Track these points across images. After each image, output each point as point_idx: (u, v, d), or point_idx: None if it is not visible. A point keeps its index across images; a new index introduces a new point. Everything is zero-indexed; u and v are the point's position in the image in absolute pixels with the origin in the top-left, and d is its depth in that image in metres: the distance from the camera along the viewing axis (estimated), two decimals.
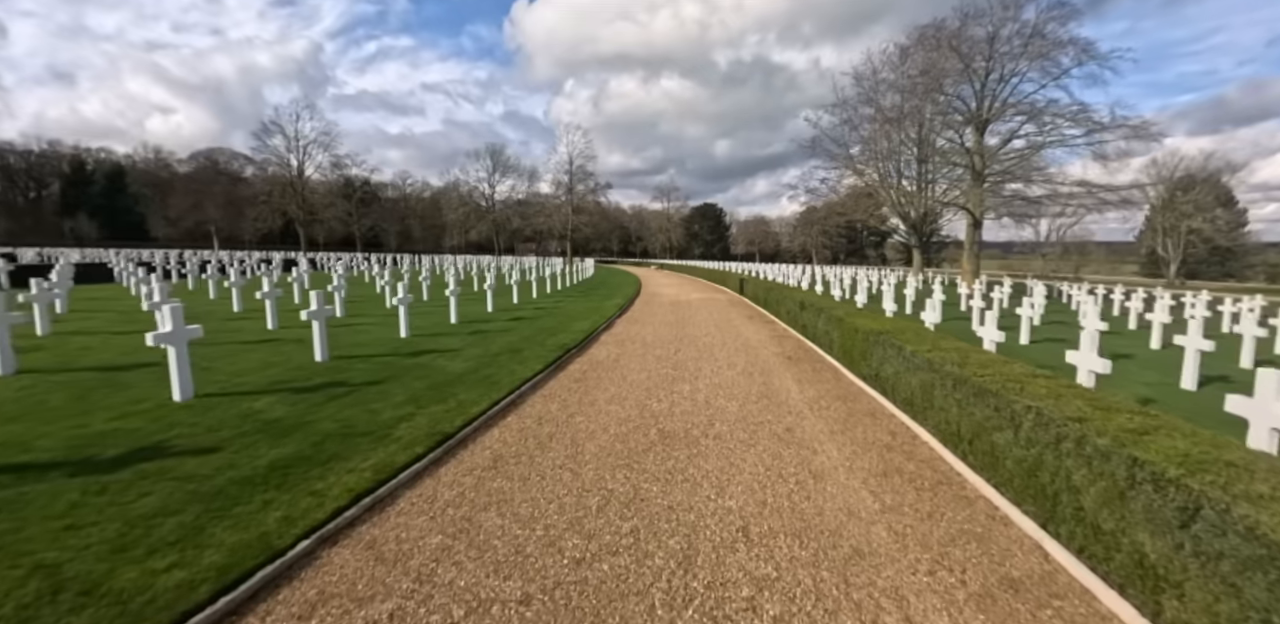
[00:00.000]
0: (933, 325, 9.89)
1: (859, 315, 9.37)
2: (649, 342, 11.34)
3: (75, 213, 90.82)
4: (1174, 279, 62.67)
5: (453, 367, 8.29)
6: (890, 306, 12.30)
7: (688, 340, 11.52)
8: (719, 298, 22.44)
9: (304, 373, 7.79)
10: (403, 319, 11.02)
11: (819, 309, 10.94)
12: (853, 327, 8.54)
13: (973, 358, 5.75)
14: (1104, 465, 3.33)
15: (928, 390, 5.83)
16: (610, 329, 13.12)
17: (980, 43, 25.59)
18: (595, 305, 17.55)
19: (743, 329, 13.43)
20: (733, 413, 6.45)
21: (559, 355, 9.36)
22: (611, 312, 15.91)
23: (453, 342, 10.44)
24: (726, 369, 8.78)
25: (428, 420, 5.81)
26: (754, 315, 16.52)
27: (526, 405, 6.73)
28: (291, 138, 67.01)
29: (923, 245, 38.80)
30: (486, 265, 43.23)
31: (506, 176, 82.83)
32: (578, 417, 6.27)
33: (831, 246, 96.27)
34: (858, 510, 4.11)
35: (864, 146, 35.06)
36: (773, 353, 10.33)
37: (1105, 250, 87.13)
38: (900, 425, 6.15)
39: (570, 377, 8.21)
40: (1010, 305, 18.69)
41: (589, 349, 10.44)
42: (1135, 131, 22.94)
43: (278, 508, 3.94)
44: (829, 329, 10.04)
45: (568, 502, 4.19)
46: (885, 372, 7.12)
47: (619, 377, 8.20)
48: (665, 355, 9.85)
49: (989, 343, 7.78)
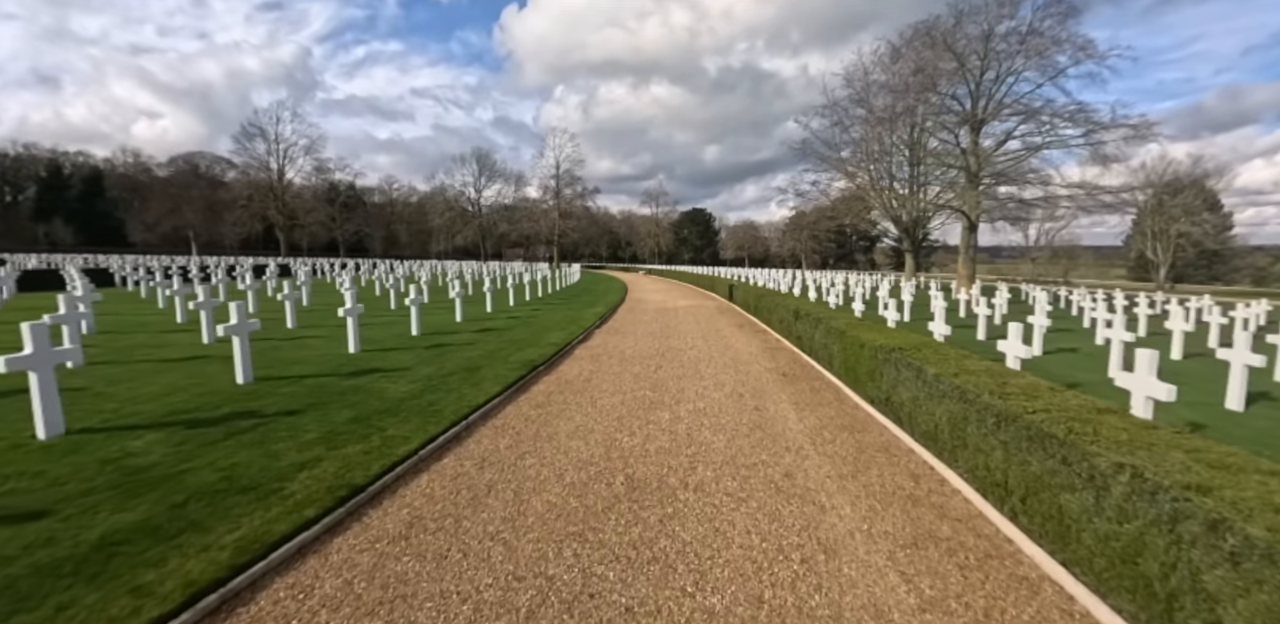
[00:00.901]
0: (942, 337, 8.85)
1: (862, 327, 8.29)
2: (628, 356, 10.21)
3: (50, 217, 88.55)
4: (1163, 283, 62.58)
5: (394, 390, 7.11)
6: (892, 316, 11.26)
7: (671, 354, 10.40)
8: (707, 305, 21.36)
9: (213, 400, 6.58)
10: (351, 332, 9.82)
11: (816, 319, 9.87)
12: (857, 341, 7.46)
13: (1012, 383, 4.68)
14: (1266, 570, 2.24)
15: (958, 425, 4.74)
16: (587, 341, 11.97)
17: (975, 40, 24.82)
18: (574, 314, 16.40)
19: (732, 340, 12.34)
20: (719, 450, 5.32)
21: (523, 374, 8.20)
22: (591, 321, 14.77)
23: (405, 358, 9.26)
24: (713, 390, 7.66)
25: (337, 467, 4.64)
26: (744, 324, 15.45)
27: (470, 442, 5.56)
28: (272, 141, 65.56)
29: (915, 249, 38.02)
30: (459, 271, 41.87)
31: (493, 181, 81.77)
32: (529, 458, 5.12)
33: (821, 251, 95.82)
34: (888, 608, 2.99)
35: (855, 148, 34.26)
36: (765, 369, 9.23)
37: (1092, 254, 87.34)
38: (922, 466, 5.05)
39: (531, 402, 7.05)
40: (1011, 311, 17.76)
41: (559, 366, 9.29)
42: (1136, 131, 22.19)
43: (71, 620, 2.77)
44: (828, 342, 8.96)
45: (488, 598, 3.04)
46: (899, 396, 6.03)
47: (588, 401, 7.06)
48: (645, 373, 8.71)
49: (1013, 360, 6.71)
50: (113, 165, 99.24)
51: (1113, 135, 22.95)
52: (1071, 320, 16.97)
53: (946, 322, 9.23)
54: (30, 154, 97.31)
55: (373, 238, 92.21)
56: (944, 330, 8.93)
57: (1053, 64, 24.28)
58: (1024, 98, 25.16)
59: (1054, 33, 23.53)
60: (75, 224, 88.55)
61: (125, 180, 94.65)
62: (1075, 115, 23.73)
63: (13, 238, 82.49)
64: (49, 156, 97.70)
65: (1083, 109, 23.56)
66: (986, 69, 25.36)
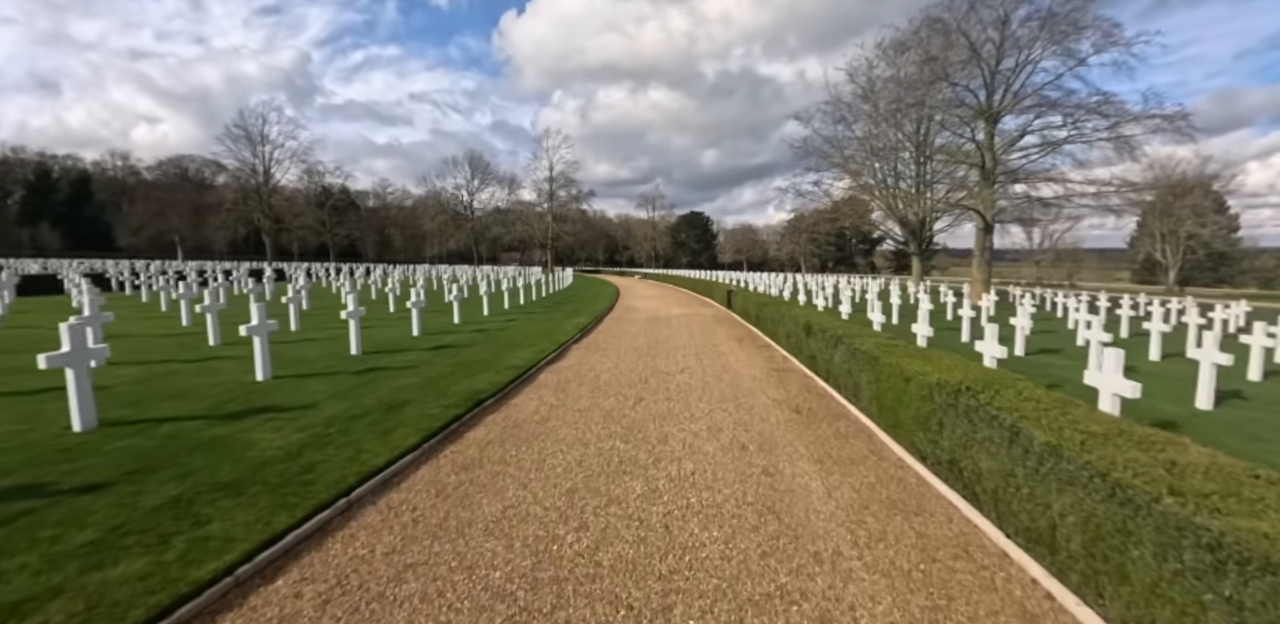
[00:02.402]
0: (994, 361, 6.98)
1: (898, 351, 6.39)
2: (603, 382, 8.31)
3: (37, 222, 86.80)
4: (1172, 286, 60.92)
5: (269, 443, 5.20)
6: (923, 331, 9.39)
7: (657, 380, 8.51)
8: (704, 313, 19.47)
9: (23, 456, 4.70)
10: (259, 355, 7.92)
11: (834, 337, 7.97)
12: (898, 372, 5.58)
13: (1189, 465, 2.81)
14: None
15: (1108, 541, 2.85)
16: (559, 361, 10.08)
17: (990, 27, 23.02)
18: (552, 326, 14.50)
19: (731, 358, 10.45)
20: (712, 564, 3.42)
21: (459, 415, 6.31)
22: (570, 334, 12.87)
23: (318, 388, 7.35)
24: (707, 439, 5.76)
25: (79, 603, 2.74)
26: (744, 336, 13.56)
27: (332, 543, 3.65)
28: (258, 142, 63.72)
29: (922, 252, 36.22)
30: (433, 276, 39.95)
31: (487, 184, 79.96)
32: (410, 582, 3.21)
33: (820, 254, 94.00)
34: None
35: (860, 145, 32.50)
36: (773, 401, 7.34)
37: (1096, 257, 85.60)
38: (1034, 590, 3.16)
39: (455, 460, 5.14)
40: (1040, 323, 15.94)
41: (513, 399, 7.38)
42: (1170, 123, 20.35)
43: None
44: (853, 368, 7.06)
45: None
46: (975, 463, 4.14)
47: (533, 460, 5.16)
48: (619, 410, 6.81)
49: (1108, 400, 4.82)
50: (102, 169, 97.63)
51: (1142, 128, 21.12)
52: (1110, 328, 15.10)
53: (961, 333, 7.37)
54: (19, 157, 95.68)
55: (365, 242, 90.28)
56: (997, 352, 7.06)
57: (1075, 52, 22.51)
58: (1043, 88, 23.37)
59: (1076, 17, 21.73)
60: (62, 228, 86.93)
61: (114, 184, 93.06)
62: (1101, 106, 21.90)
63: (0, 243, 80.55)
64: (37, 160, 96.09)
65: (1109, 99, 21.75)
66: (1003, 58, 23.55)
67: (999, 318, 17.95)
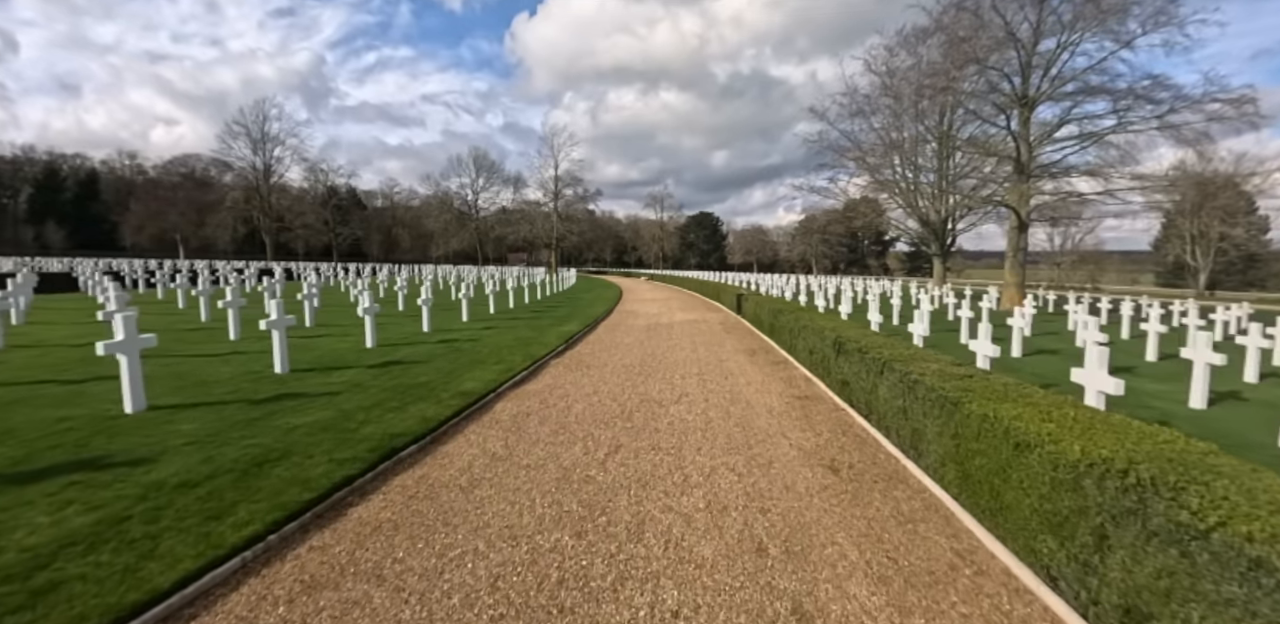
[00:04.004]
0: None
1: (994, 391, 4.37)
2: (574, 418, 6.38)
3: (44, 220, 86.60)
4: (1202, 290, 58.14)
5: (21, 541, 3.32)
6: (984, 350, 7.37)
7: (645, 413, 6.58)
8: (710, 320, 17.49)
9: None
10: (125, 386, 6.04)
11: (880, 361, 5.97)
12: (1002, 432, 3.59)
13: None
14: None
15: None
16: (528, 382, 8.17)
17: (1028, 5, 20.91)
18: (535, 334, 12.59)
19: (741, 379, 8.49)
20: None
21: (352, 476, 4.40)
22: (552, 345, 10.96)
23: (189, 425, 5.46)
24: (704, 531, 3.80)
25: None
26: (756, 349, 11.59)
27: None
28: (257, 140, 62.51)
29: (944, 253, 34.03)
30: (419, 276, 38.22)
31: (492, 183, 78.41)
32: None
33: (831, 256, 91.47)
34: None
35: (878, 138, 30.43)
36: (800, 451, 5.37)
37: (1119, 259, 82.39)
38: None
39: (294, 579, 3.23)
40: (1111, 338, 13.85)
41: (445, 444, 5.45)
42: (1235, 108, 18.13)
43: None
44: (912, 408, 5.06)
45: None
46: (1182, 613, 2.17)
47: (420, 575, 3.23)
48: (582, 467, 4.87)
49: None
50: (110, 168, 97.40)
51: (1201, 115, 18.90)
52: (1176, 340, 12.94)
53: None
54: (27, 156, 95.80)
55: (369, 242, 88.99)
56: (1110, 387, 5.05)
57: (1121, 32, 20.33)
58: (1085, 73, 21.19)
59: None
60: (68, 227, 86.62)
61: (121, 183, 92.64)
62: (1152, 90, 19.70)
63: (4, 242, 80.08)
64: (46, 159, 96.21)
65: (1161, 82, 19.56)
66: (1040, 39, 21.42)
67: (1051, 326, 15.81)
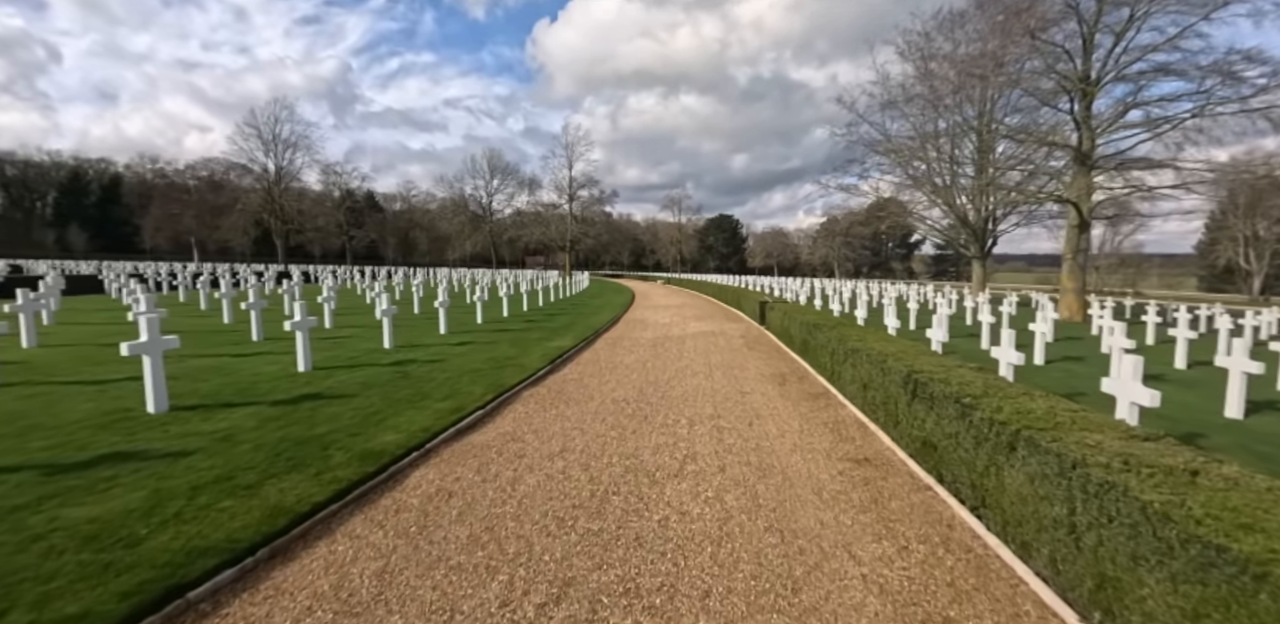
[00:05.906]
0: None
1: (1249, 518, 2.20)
2: (510, 514, 4.24)
3: (67, 224, 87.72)
4: (1256, 295, 54.19)
5: None
6: (1134, 395, 5.08)
7: (624, 507, 4.44)
8: (730, 331, 15.26)
9: None
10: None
11: (1001, 426, 3.77)
12: None
13: None
14: None
15: None
16: (476, 431, 6.06)
17: None
18: (517, 352, 10.50)
19: (772, 427, 6.30)
20: None
21: None
22: (531, 369, 8.86)
23: None
24: None
25: None
26: (786, 374, 9.37)
27: None
28: (269, 142, 61.76)
29: (984, 255, 31.29)
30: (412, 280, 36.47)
31: (506, 184, 77.06)
32: None
33: (854, 259, 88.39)
34: None
35: (913, 128, 27.95)
36: (882, 593, 3.19)
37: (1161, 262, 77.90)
38: None
39: None
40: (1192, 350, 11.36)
41: (263, 582, 3.37)
42: None
43: None
44: (1108, 535, 2.87)
45: None
46: None
47: None
48: None
49: None
50: (134, 172, 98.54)
51: None
52: None
53: None
54: (54, 161, 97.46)
55: (385, 245, 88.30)
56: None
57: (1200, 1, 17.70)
58: (1157, 49, 18.57)
59: None
60: (91, 230, 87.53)
61: (143, 186, 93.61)
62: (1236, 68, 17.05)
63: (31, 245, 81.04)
64: (72, 164, 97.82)
65: (1252, 56, 16.91)
66: (1105, 11, 18.86)
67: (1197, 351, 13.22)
